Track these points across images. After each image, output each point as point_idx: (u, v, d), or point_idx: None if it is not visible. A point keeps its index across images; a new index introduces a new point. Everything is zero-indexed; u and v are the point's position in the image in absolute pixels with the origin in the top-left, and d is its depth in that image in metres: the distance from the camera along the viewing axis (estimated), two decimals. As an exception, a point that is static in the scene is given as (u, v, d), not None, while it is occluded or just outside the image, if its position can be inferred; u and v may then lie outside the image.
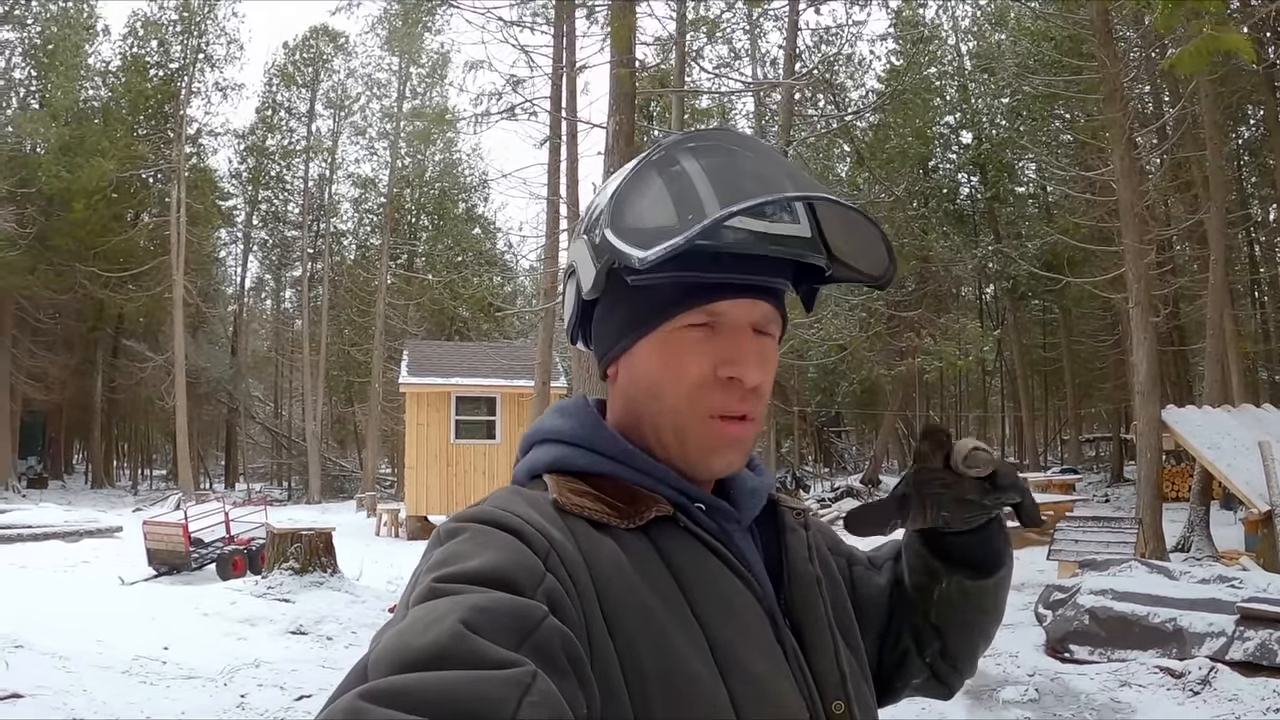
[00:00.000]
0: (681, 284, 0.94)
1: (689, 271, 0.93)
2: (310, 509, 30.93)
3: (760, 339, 0.98)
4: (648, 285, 0.94)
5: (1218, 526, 16.41)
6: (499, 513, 0.86)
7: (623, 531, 0.91)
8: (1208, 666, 7.40)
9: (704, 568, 0.93)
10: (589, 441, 1.00)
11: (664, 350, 0.96)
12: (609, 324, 1.01)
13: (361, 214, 45.20)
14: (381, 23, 36.89)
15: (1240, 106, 25.40)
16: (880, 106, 28.21)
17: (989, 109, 32.41)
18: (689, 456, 0.98)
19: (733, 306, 0.96)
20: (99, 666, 7.71)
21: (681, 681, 0.84)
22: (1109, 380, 34.32)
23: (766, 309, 0.98)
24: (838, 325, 23.57)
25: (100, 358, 40.12)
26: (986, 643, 1.23)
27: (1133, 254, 15.62)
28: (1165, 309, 23.37)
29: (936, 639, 1.17)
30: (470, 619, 0.70)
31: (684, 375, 0.95)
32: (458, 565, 0.78)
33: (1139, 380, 15.49)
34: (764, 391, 0.98)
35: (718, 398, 0.95)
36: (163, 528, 15.19)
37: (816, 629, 1.01)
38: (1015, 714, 7.27)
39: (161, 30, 38.89)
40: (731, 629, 0.90)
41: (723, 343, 0.96)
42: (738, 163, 0.94)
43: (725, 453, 0.97)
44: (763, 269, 0.96)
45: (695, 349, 0.95)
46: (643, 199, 0.93)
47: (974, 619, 1.18)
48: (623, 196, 0.93)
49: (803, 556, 1.06)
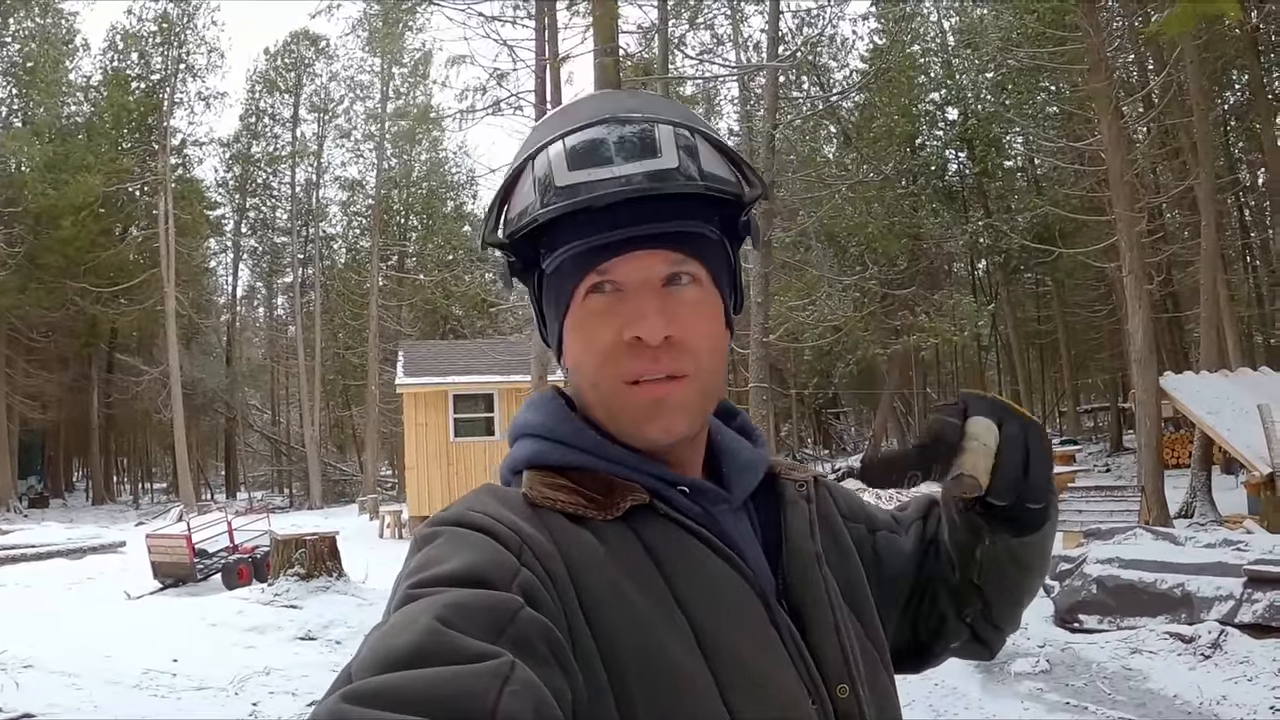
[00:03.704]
0: (571, 256, 0.92)
1: (574, 241, 0.91)
2: (313, 514, 30.92)
3: (674, 290, 0.92)
4: (554, 268, 0.94)
5: (1220, 491, 16.46)
6: (471, 513, 0.86)
7: (600, 523, 0.90)
8: (1217, 630, 7.42)
9: (687, 553, 0.91)
10: (558, 434, 0.97)
11: (579, 325, 0.94)
12: (546, 316, 1.00)
13: (350, 217, 45.16)
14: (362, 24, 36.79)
15: (1225, 72, 25.42)
16: (865, 86, 28.16)
17: (974, 84, 32.30)
18: (623, 429, 0.94)
19: (623, 263, 0.91)
20: (109, 682, 7.72)
21: (665, 671, 0.83)
22: (1105, 350, 34.36)
23: (669, 257, 0.92)
24: (831, 306, 23.52)
25: (95, 374, 40.08)
26: (1031, 598, 1.18)
27: (1124, 223, 15.64)
28: (1158, 276, 23.40)
29: (978, 598, 1.12)
30: (445, 615, 0.71)
31: (594, 346, 0.92)
32: (433, 569, 0.78)
33: (1135, 348, 15.52)
34: (688, 343, 0.92)
35: (630, 362, 0.91)
36: (166, 540, 15.16)
37: (817, 609, 0.97)
38: (1027, 686, 7.28)
39: (141, 43, 38.83)
40: (718, 614, 0.88)
41: (625, 304, 0.91)
42: (579, 110, 0.94)
43: (656, 419, 0.92)
44: (649, 216, 0.90)
45: (599, 316, 0.92)
46: (506, 182, 0.96)
47: (1018, 578, 1.12)
48: (504, 192, 0.96)
49: (802, 532, 1.02)
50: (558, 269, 0.93)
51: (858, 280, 25.33)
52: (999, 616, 1.16)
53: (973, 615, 1.14)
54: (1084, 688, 7.10)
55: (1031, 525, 1.06)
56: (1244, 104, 27.53)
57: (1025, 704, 6.86)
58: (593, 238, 0.90)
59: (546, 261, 0.94)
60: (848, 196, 25.63)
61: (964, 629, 1.16)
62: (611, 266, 0.91)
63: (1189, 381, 15.16)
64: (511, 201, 0.94)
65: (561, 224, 0.90)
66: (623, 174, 0.87)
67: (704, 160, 0.92)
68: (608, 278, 0.92)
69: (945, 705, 6.85)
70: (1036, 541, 1.08)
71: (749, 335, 15.99)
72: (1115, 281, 22.78)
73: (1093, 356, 37.14)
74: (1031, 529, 1.06)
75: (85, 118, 38.39)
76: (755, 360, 15.76)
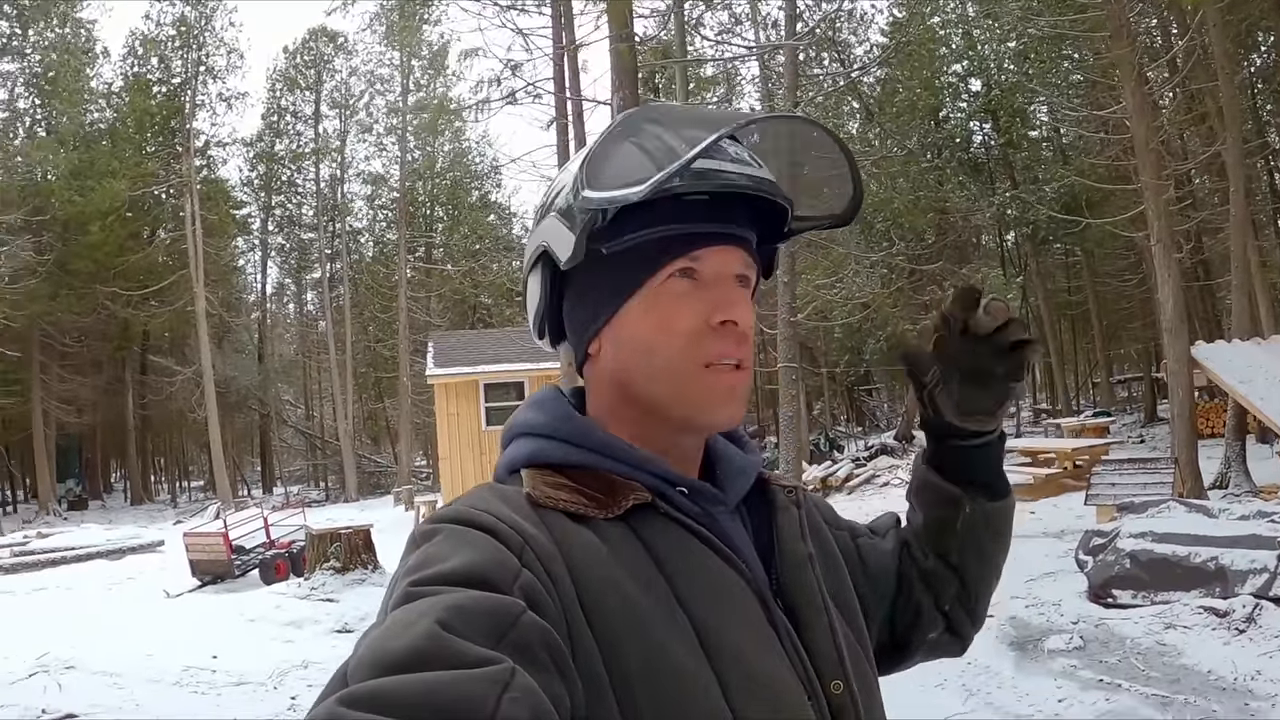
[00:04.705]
0: (658, 239, 0.95)
1: (664, 225, 0.95)
2: (348, 507, 31.18)
3: (742, 288, 0.99)
4: (627, 249, 0.95)
5: (1255, 461, 16.27)
6: (472, 511, 0.86)
7: (601, 522, 0.90)
8: (1252, 604, 7.35)
9: (687, 553, 0.92)
10: (561, 433, 0.99)
11: (654, 306, 0.96)
12: (588, 298, 1.00)
13: (375, 210, 45.43)
14: (378, 19, 36.91)
15: (1250, 34, 24.94)
16: (886, 60, 27.90)
17: (996, 54, 31.92)
18: (691, 413, 0.97)
19: (714, 253, 0.96)
20: (150, 680, 7.83)
21: (666, 670, 0.83)
22: (1137, 320, 33.96)
23: (745, 257, 0.99)
24: (859, 284, 23.42)
25: (129, 376, 40.47)
26: (998, 578, 1.26)
27: (1151, 191, 15.43)
28: (1188, 244, 23.09)
29: (954, 580, 1.20)
30: (446, 619, 0.70)
31: (677, 326, 0.95)
32: (433, 568, 0.78)
33: (1166, 318, 15.34)
34: (751, 339, 0.99)
35: (714, 345, 0.95)
36: (204, 538, 15.36)
37: (811, 609, 0.99)
38: (1061, 663, 7.25)
39: (161, 47, 39.09)
40: (718, 613, 0.89)
41: (710, 291, 0.96)
42: (692, 114, 1.00)
43: (728, 404, 0.97)
44: (738, 217, 0.98)
45: (685, 299, 0.95)
46: (615, 160, 0.93)
47: (991, 548, 1.21)
48: (594, 163, 0.93)
49: (794, 535, 1.05)
50: (634, 249, 0.95)
51: (885, 256, 25.14)
52: (974, 595, 1.23)
53: (949, 601, 1.21)
54: (1117, 664, 7.06)
55: (1000, 491, 1.18)
56: (1271, 66, 27.03)
57: (1058, 681, 6.82)
58: (690, 224, 0.95)
59: (611, 243, 0.95)
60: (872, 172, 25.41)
61: (940, 619, 1.22)
62: (704, 255, 0.96)
63: (1220, 350, 14.95)
64: (621, 168, 0.92)
65: (658, 206, 0.93)
66: (748, 174, 0.94)
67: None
68: (698, 263, 0.95)
69: (979, 684, 6.83)
70: (1006, 508, 1.20)
71: (776, 315, 15.95)
72: (1145, 250, 22.49)
73: (1125, 326, 36.72)
74: (1000, 495, 1.18)
75: (108, 124, 38.76)
76: (784, 339, 15.72)
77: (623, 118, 0.97)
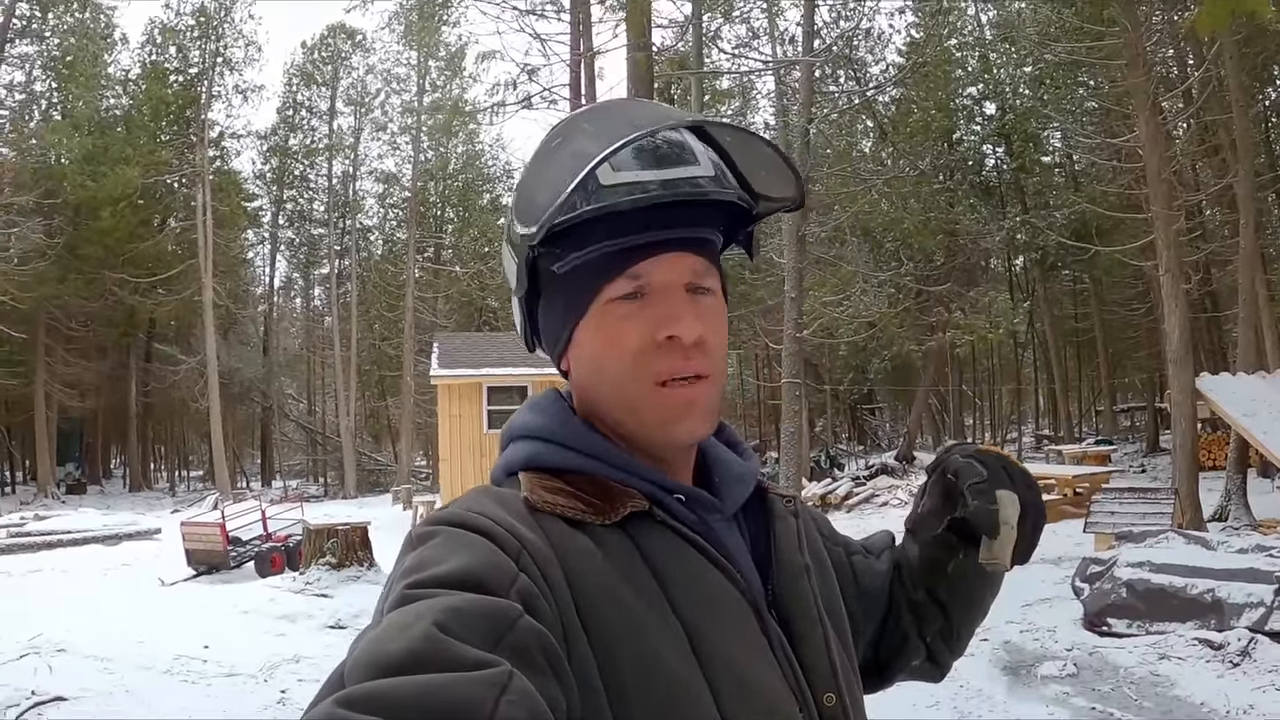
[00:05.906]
0: (600, 257, 0.93)
1: (600, 243, 0.92)
2: (346, 504, 31.14)
3: (697, 297, 0.95)
4: (572, 269, 0.94)
5: (1255, 495, 16.23)
6: (469, 514, 0.85)
7: (598, 528, 0.90)
8: (1247, 638, 7.33)
9: (683, 561, 0.92)
10: (560, 437, 0.98)
11: (601, 326, 0.95)
12: (550, 319, 1.00)
13: (386, 209, 45.41)
14: (397, 18, 36.96)
15: (1266, 67, 24.95)
16: (901, 80, 27.93)
17: (1011, 79, 31.92)
18: (648, 431, 0.95)
19: (654, 265, 0.93)
20: (141, 667, 7.82)
21: (660, 677, 0.83)
22: (1142, 349, 33.93)
23: (695, 262, 0.95)
24: (866, 302, 23.40)
25: (133, 363, 40.46)
26: (984, 617, 1.26)
27: (1162, 220, 15.43)
28: (1196, 275, 23.08)
29: (940, 616, 1.21)
30: (444, 621, 0.70)
31: (623, 345, 0.93)
32: (429, 570, 0.78)
33: (1172, 348, 15.32)
34: (711, 347, 0.95)
35: (661, 362, 0.93)
36: (201, 528, 15.36)
37: (805, 620, 0.99)
38: (1054, 689, 7.24)
39: (179, 37, 39.13)
40: (713, 623, 0.89)
41: (655, 306, 0.93)
42: (622, 114, 0.95)
43: (684, 420, 0.94)
44: (678, 221, 0.94)
45: (629, 318, 0.93)
46: (538, 180, 0.93)
47: (980, 594, 1.22)
48: (522, 186, 0.94)
49: (791, 546, 1.04)
50: (578, 269, 0.94)
51: (893, 276, 25.16)
52: (957, 634, 1.24)
53: (932, 634, 1.22)
54: (1110, 693, 7.05)
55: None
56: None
57: (1050, 708, 6.81)
58: (623, 239, 0.92)
59: (560, 263, 0.94)
60: (883, 191, 25.46)
61: (922, 649, 1.23)
62: (643, 268, 0.93)
63: (1225, 382, 14.93)
64: (533, 198, 0.92)
65: (591, 225, 0.91)
66: (667, 178, 0.90)
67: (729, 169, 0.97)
68: (639, 279, 0.93)
69: (970, 707, 6.82)
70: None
71: (782, 330, 15.95)
72: (1153, 280, 22.47)
73: (1130, 355, 36.70)
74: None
75: (124, 111, 38.77)
76: (789, 355, 15.71)
77: (558, 127, 0.96)
